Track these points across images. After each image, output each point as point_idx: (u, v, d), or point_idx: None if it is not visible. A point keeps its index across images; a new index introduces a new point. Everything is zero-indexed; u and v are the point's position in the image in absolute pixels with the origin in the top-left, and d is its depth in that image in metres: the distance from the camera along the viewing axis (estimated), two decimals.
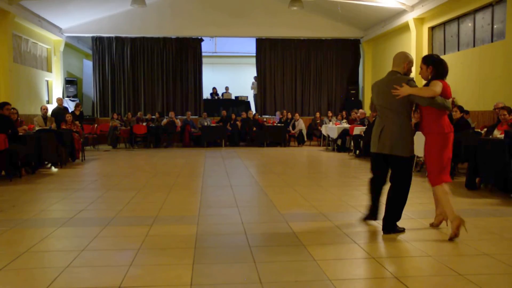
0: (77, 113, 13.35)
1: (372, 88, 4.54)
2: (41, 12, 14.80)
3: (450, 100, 4.24)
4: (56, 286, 3.05)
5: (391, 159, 4.29)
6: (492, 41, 11.54)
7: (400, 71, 4.34)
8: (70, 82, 17.64)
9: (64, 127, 11.02)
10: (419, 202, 5.85)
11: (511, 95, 10.38)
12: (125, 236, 4.30)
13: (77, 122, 11.91)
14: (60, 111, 12.94)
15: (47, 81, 16.56)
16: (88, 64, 19.08)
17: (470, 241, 4.02)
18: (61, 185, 7.46)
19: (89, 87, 18.88)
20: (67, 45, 17.72)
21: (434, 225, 4.56)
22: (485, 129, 7.85)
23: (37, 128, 10.12)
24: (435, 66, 4.28)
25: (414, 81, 4.26)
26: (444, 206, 4.23)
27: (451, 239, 4.06)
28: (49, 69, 16.78)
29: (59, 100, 13.57)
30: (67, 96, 17.31)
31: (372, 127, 4.64)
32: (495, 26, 11.48)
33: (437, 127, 4.20)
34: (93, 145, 15.57)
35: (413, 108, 4.41)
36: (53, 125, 10.78)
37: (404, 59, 4.36)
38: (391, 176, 4.35)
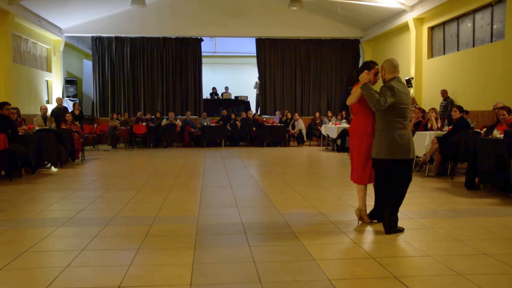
0: (77, 113, 13.35)
1: (398, 92, 4.28)
2: (41, 12, 14.80)
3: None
4: (56, 286, 3.05)
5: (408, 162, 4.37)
6: (491, 41, 11.54)
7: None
8: (70, 82, 17.64)
9: (64, 127, 11.01)
10: (419, 202, 5.86)
11: (510, 95, 10.39)
12: (125, 236, 4.30)
13: (77, 122, 11.91)
14: (60, 111, 12.93)
15: (47, 81, 16.56)
16: (88, 64, 19.08)
17: (470, 241, 4.02)
18: (61, 185, 7.45)
19: (89, 87, 18.88)
20: (67, 45, 17.73)
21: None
22: (485, 129, 7.86)
23: (36, 128, 10.11)
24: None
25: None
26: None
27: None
28: (49, 69, 16.78)
29: (59, 100, 13.57)
30: (67, 96, 17.30)
31: None
32: (494, 26, 11.48)
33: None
34: (93, 145, 15.57)
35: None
36: (53, 125, 10.78)
37: (397, 66, 4.53)
38: (399, 180, 4.37)
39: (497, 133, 7.00)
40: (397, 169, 4.30)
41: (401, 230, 4.34)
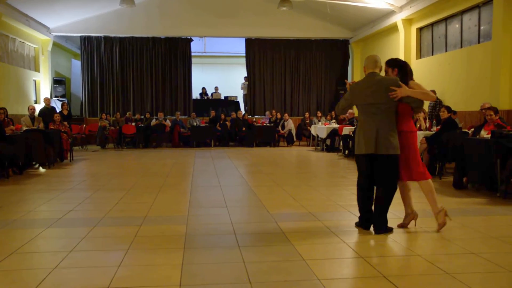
0: (65, 113, 13.23)
1: (351, 90, 4.49)
2: (29, 11, 14.65)
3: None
4: (44, 287, 3.02)
5: (383, 159, 4.25)
6: (479, 42, 11.66)
7: (378, 72, 4.41)
8: (58, 82, 17.48)
9: (52, 127, 10.92)
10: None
11: (497, 95, 10.50)
12: (114, 237, 4.27)
13: (65, 122, 11.81)
14: (48, 111, 12.81)
15: (35, 81, 16.39)
16: (77, 64, 18.93)
17: (458, 240, 4.06)
18: (49, 186, 7.39)
19: (78, 87, 18.73)
20: (55, 44, 17.56)
21: (405, 225, 4.55)
22: (472, 129, 7.93)
23: (24, 128, 10.01)
24: (400, 69, 4.43)
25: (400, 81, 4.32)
26: (430, 200, 4.38)
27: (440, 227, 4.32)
28: (36, 69, 16.61)
29: (47, 100, 13.43)
30: (55, 96, 17.15)
31: None
32: (481, 28, 11.60)
33: (407, 126, 4.36)
34: (82, 146, 15.45)
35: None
36: (41, 125, 10.68)
37: (379, 61, 4.45)
38: (381, 176, 4.32)
39: (485, 133, 7.08)
40: (359, 164, 4.44)
41: (391, 230, 4.35)
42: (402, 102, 4.27)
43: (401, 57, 15.00)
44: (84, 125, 16.22)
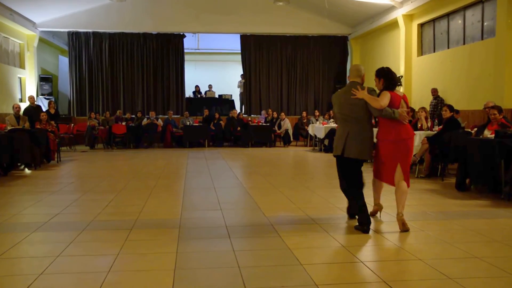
0: (52, 112, 13.18)
1: (333, 99, 4.92)
2: (13, 5, 14.57)
3: (401, 109, 4.64)
4: None
5: (353, 162, 4.71)
6: (482, 39, 11.72)
7: (359, 81, 4.77)
8: (45, 79, 17.42)
9: (38, 126, 10.88)
10: (408, 203, 5.90)
11: (501, 94, 10.56)
12: (103, 241, 4.26)
13: (52, 122, 11.76)
14: (33, 109, 12.74)
15: (20, 78, 16.32)
16: (64, 61, 18.86)
17: (460, 244, 4.07)
18: (35, 188, 7.36)
19: (65, 84, 18.67)
20: (41, 40, 17.49)
21: (372, 214, 5.04)
22: (475, 129, 7.96)
23: (9, 128, 9.97)
24: (385, 78, 4.73)
25: (376, 92, 4.71)
26: (402, 201, 4.63)
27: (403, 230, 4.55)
28: (22, 66, 16.54)
29: (31, 99, 13.34)
30: (42, 94, 17.09)
31: None
32: (485, 24, 11.65)
33: (396, 135, 4.63)
34: (70, 146, 15.39)
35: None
36: (27, 125, 10.63)
37: (361, 71, 4.84)
38: (347, 177, 4.79)
39: (488, 133, 7.11)
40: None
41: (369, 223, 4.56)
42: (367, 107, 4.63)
43: (402, 54, 15.07)
44: (72, 124, 16.15)
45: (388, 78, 4.72)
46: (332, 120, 15.04)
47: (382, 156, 4.74)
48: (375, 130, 4.77)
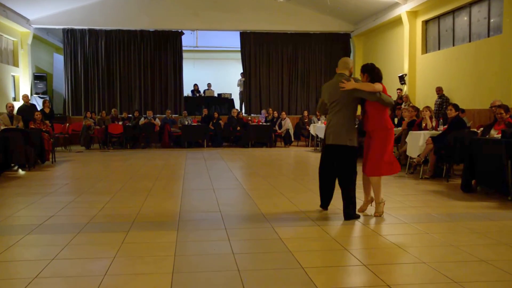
0: (47, 111, 13.18)
1: (322, 89, 5.36)
2: (6, 1, 14.57)
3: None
4: None
5: (336, 149, 5.10)
6: (488, 36, 11.72)
7: (347, 73, 5.19)
8: (39, 77, 17.43)
9: (32, 126, 10.87)
10: (412, 205, 5.91)
11: (508, 92, 10.56)
12: (99, 244, 4.26)
13: (47, 121, 11.75)
14: (27, 109, 12.74)
15: (14, 77, 16.33)
16: (59, 59, 18.87)
17: (466, 247, 4.07)
18: (30, 189, 7.35)
19: (60, 83, 18.67)
20: (35, 37, 17.50)
21: (362, 210, 5.42)
22: (482, 129, 7.96)
23: (2, 128, 9.96)
24: (369, 73, 5.11)
25: (360, 81, 5.06)
26: (377, 191, 5.17)
27: (376, 216, 5.16)
28: (15, 64, 16.55)
29: (25, 97, 13.34)
30: (36, 93, 17.10)
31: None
32: (491, 20, 11.65)
33: (381, 123, 5.06)
34: (65, 146, 15.40)
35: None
36: (20, 124, 10.63)
37: (349, 64, 5.26)
38: (338, 167, 5.16)
39: (495, 133, 7.11)
40: (354, 155, 5.15)
41: (358, 217, 5.09)
42: (355, 96, 5.01)
43: (406, 52, 15.08)
44: (67, 124, 16.16)
45: (372, 74, 5.08)
46: None
47: (367, 147, 5.16)
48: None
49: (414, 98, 14.88)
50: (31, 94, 16.78)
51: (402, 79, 15.22)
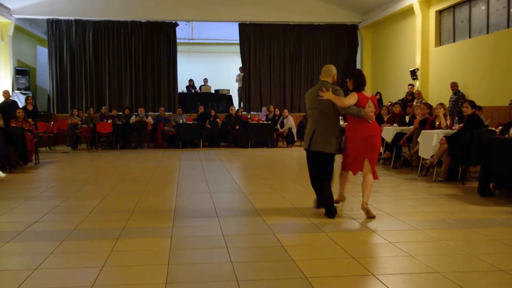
0: (30, 108, 13.17)
1: (305, 96, 5.95)
2: None
3: (367, 109, 5.49)
4: None
5: (320, 155, 5.63)
6: (508, 27, 11.71)
7: (330, 81, 5.67)
8: (22, 72, 17.42)
9: (14, 124, 10.86)
10: (425, 210, 5.90)
11: None
12: (86, 252, 4.25)
13: (30, 119, 11.74)
14: (9, 106, 12.73)
15: None
16: (43, 52, 18.87)
17: (484, 255, 4.06)
18: (11, 193, 7.34)
19: (44, 78, 18.68)
20: (17, 28, 17.48)
21: (337, 201, 5.94)
22: (500, 127, 7.95)
23: None
24: (354, 79, 5.66)
25: (341, 90, 5.57)
26: (368, 192, 5.56)
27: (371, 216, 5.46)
28: None
29: (6, 94, 13.33)
30: (18, 89, 17.09)
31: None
32: (511, 10, 11.64)
33: (364, 132, 5.53)
34: (49, 146, 15.39)
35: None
36: (1, 123, 10.61)
37: (332, 71, 5.73)
38: (319, 169, 5.70)
39: None
40: (333, 159, 5.76)
41: (335, 212, 5.55)
42: (332, 105, 5.52)
43: (418, 44, 15.07)
44: (52, 122, 16.14)
45: (357, 79, 5.63)
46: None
47: (350, 151, 5.68)
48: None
49: (427, 94, 14.87)
50: (13, 90, 16.77)
51: (414, 74, 15.22)
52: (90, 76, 18.44)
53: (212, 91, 19.84)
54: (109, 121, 15.99)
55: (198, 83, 20.26)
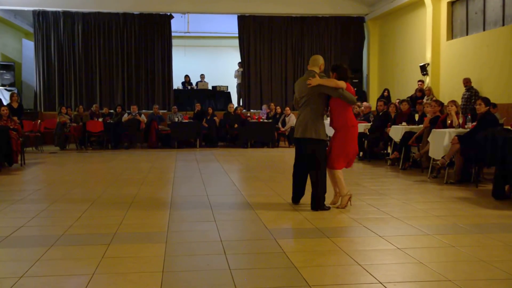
0: (15, 106, 13.17)
1: (295, 86, 6.36)
2: None
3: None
4: None
5: (305, 143, 6.02)
6: None
7: (317, 70, 6.08)
8: (6, 67, 17.42)
9: None
10: (436, 214, 5.90)
11: None
12: (75, 259, 4.25)
13: (15, 118, 11.73)
14: None
15: None
16: (29, 45, 18.85)
17: (500, 263, 4.06)
18: None
19: (30, 73, 18.66)
20: (1, 20, 17.49)
21: (334, 203, 6.29)
22: None
23: None
24: (337, 72, 6.06)
25: (325, 77, 6.05)
26: (340, 185, 6.14)
27: (340, 208, 6.10)
28: None
29: None
30: (2, 85, 17.09)
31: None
32: None
33: (343, 121, 6.06)
34: (36, 146, 15.39)
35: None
36: None
37: (319, 61, 6.15)
38: (308, 160, 6.05)
39: None
40: (324, 149, 6.15)
41: (328, 208, 6.00)
42: (321, 91, 5.93)
43: (428, 38, 15.07)
44: (39, 121, 16.14)
45: (340, 72, 6.03)
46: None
47: (332, 142, 6.17)
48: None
49: (438, 91, 14.87)
50: None
51: (424, 69, 15.22)
52: (79, 72, 18.43)
53: (210, 87, 19.84)
54: (100, 120, 16.01)
55: (194, 79, 20.27)
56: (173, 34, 19.24)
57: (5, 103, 13.20)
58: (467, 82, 12.84)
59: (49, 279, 3.76)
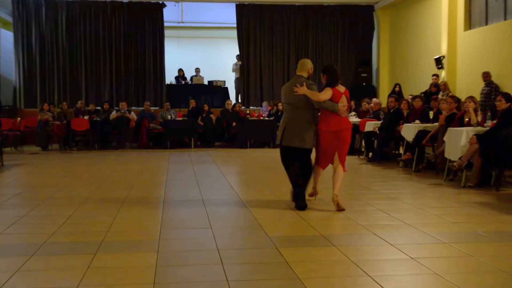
0: None
1: (281, 91, 6.74)
2: None
3: (341, 104, 6.41)
4: None
5: (296, 150, 6.42)
6: None
7: (305, 75, 6.48)
8: None
9: None
10: (453, 221, 5.89)
11: None
12: (59, 269, 4.24)
13: None
14: None
15: None
16: (8, 36, 18.85)
17: None
18: None
19: (9, 67, 18.65)
20: None
21: (311, 195, 6.91)
22: None
23: None
24: (328, 75, 6.51)
25: (315, 85, 6.42)
26: (338, 184, 6.53)
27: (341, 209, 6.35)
28: None
29: None
30: None
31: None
32: None
33: (346, 123, 6.54)
34: (15, 146, 15.39)
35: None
36: None
37: (307, 65, 6.57)
38: (293, 165, 6.53)
39: None
40: (310, 154, 6.55)
41: (305, 206, 6.43)
42: (307, 100, 6.30)
43: (444, 28, 15.07)
44: (19, 118, 16.15)
45: (330, 75, 6.46)
46: (353, 113, 15.06)
47: (322, 144, 6.50)
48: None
49: (455, 86, 14.87)
50: None
51: (439, 62, 15.22)
52: (63, 65, 18.42)
53: (205, 82, 19.84)
54: (86, 117, 15.99)
55: (189, 74, 20.26)
56: (165, 24, 19.25)
57: None
58: (486, 76, 12.84)
59: None
